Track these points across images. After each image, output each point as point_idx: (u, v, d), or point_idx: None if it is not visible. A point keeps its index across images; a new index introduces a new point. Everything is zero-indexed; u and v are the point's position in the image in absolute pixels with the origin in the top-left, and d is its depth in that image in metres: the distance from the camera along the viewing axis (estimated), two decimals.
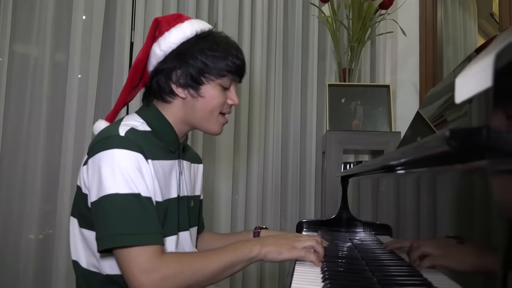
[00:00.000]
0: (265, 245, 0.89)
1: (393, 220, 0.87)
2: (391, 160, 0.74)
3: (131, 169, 0.86)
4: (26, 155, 1.76)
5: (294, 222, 2.24)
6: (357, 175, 1.22)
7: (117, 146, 0.87)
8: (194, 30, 1.01)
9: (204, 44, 0.99)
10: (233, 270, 0.88)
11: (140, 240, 0.83)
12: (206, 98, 0.99)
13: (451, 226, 0.55)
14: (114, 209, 0.84)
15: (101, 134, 0.93)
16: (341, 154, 1.89)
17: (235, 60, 1.00)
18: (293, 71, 2.32)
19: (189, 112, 1.01)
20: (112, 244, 0.83)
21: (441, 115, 1.11)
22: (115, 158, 0.86)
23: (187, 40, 1.00)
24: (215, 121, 1.02)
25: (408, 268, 0.74)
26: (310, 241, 0.91)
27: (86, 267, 0.95)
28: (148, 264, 0.81)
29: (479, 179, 0.43)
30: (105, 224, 0.84)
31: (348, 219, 1.30)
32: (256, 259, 0.89)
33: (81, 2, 1.84)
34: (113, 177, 0.85)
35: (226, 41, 1.02)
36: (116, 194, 0.84)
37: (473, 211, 0.47)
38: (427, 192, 0.65)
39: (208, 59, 0.98)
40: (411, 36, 2.24)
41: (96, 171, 0.87)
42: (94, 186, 0.87)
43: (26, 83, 1.78)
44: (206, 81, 0.99)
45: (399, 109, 2.26)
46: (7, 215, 1.72)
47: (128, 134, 0.90)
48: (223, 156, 2.10)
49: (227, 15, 2.14)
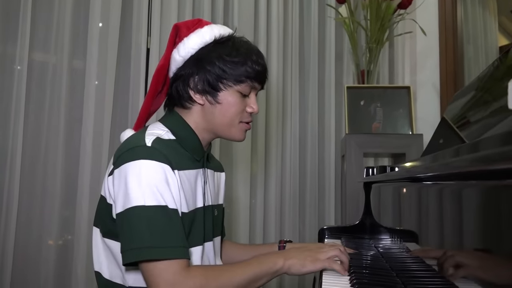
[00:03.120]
0: (289, 257, 0.87)
1: (419, 227, 0.84)
2: (436, 171, 0.71)
3: (158, 180, 0.85)
4: (46, 161, 1.77)
5: (313, 227, 2.20)
6: (382, 182, 1.18)
7: (144, 157, 0.86)
8: (213, 35, 0.99)
9: (222, 50, 0.97)
10: (257, 283, 0.86)
11: (166, 253, 0.81)
12: (224, 105, 0.97)
13: (484, 236, 0.52)
14: (140, 221, 0.82)
15: (127, 143, 0.92)
16: (361, 158, 1.85)
17: (255, 65, 0.98)
18: (309, 74, 2.29)
19: (209, 119, 0.99)
20: (138, 257, 0.81)
21: (468, 119, 1.07)
22: (142, 170, 0.85)
23: (206, 45, 0.98)
24: (236, 129, 1.00)
25: (441, 280, 0.71)
26: (333, 251, 0.88)
27: (109, 278, 0.94)
28: (174, 278, 0.80)
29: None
30: (131, 236, 0.83)
31: (371, 225, 1.26)
32: (280, 273, 0.87)
33: (97, 10, 1.84)
34: (139, 189, 0.83)
35: (247, 46, 1.00)
36: (143, 206, 0.83)
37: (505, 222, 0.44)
38: (458, 201, 0.62)
39: (226, 65, 0.96)
40: (431, 35, 2.19)
41: (122, 182, 0.86)
42: (120, 197, 0.86)
43: (45, 90, 1.79)
44: (224, 88, 0.97)
45: (419, 110, 2.21)
46: (27, 221, 1.73)
47: (154, 144, 0.89)
48: (240, 161, 2.08)
49: (243, 18, 2.12)
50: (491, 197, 0.53)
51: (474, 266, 0.60)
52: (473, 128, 1.02)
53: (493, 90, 1.02)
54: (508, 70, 1.01)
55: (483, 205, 0.55)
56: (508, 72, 1.01)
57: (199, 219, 0.97)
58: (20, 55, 1.73)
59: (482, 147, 0.55)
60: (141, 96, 1.89)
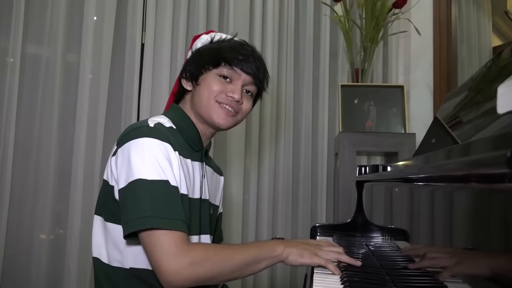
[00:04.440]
0: (288, 246, 0.89)
1: (410, 226, 0.85)
2: (427, 172, 0.72)
3: (161, 157, 0.88)
4: (38, 155, 1.76)
5: (306, 224, 2.22)
6: (375, 181, 1.19)
7: (147, 135, 0.90)
8: (209, 38, 1.08)
9: (212, 45, 1.06)
10: (257, 266, 0.88)
11: (169, 224, 0.83)
12: (202, 85, 1.03)
13: (473, 236, 0.53)
14: (143, 192, 0.84)
15: (130, 127, 0.96)
16: (354, 156, 1.87)
17: (233, 50, 1.02)
18: (304, 71, 2.30)
19: (194, 102, 1.04)
20: (141, 226, 0.82)
21: (460, 119, 1.08)
22: (145, 146, 0.88)
23: (203, 44, 1.08)
24: (213, 110, 1.02)
25: (430, 279, 0.72)
26: (333, 254, 0.89)
27: (108, 262, 0.94)
28: (176, 249, 0.81)
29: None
30: (134, 207, 0.84)
31: (363, 223, 1.28)
32: (278, 259, 0.89)
33: (92, 3, 1.83)
34: (143, 164, 0.86)
35: (235, 40, 1.07)
36: (146, 180, 0.85)
37: (494, 222, 0.45)
38: (448, 201, 0.63)
39: (205, 51, 1.05)
40: (425, 35, 2.21)
41: (125, 159, 0.89)
42: (123, 173, 0.88)
43: (38, 83, 1.78)
44: (204, 71, 1.03)
45: (413, 110, 2.22)
46: (19, 215, 1.72)
47: (157, 125, 0.94)
48: (234, 157, 2.09)
49: (238, 15, 2.12)
50: (480, 198, 0.54)
51: (463, 265, 0.61)
52: (465, 128, 1.03)
53: (485, 91, 1.04)
54: (501, 72, 1.03)
55: (473, 206, 0.56)
56: (500, 73, 1.02)
57: (195, 209, 0.99)
58: (13, 48, 1.71)
59: (473, 150, 0.56)
60: (135, 91, 1.89)
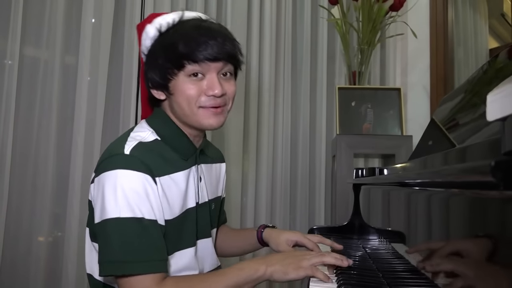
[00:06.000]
0: (271, 264, 0.84)
1: (407, 229, 0.85)
2: (422, 178, 0.72)
3: (135, 191, 0.83)
4: (36, 158, 1.76)
5: (304, 226, 2.22)
6: (372, 185, 1.20)
7: (121, 166, 0.84)
8: (156, 30, 0.94)
9: (162, 39, 0.93)
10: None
11: (139, 268, 0.81)
12: (176, 94, 0.92)
13: (469, 240, 0.54)
14: (114, 234, 0.82)
15: (107, 150, 0.92)
16: (351, 158, 1.87)
17: (191, 43, 0.89)
18: (302, 74, 2.30)
19: (175, 112, 0.96)
20: (111, 271, 0.83)
21: (457, 121, 1.09)
22: (117, 180, 0.83)
23: (154, 41, 0.95)
24: (199, 116, 0.93)
25: (426, 281, 0.72)
26: (317, 258, 0.84)
27: (101, 280, 0.94)
28: None
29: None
30: (105, 249, 0.83)
31: (360, 226, 1.28)
32: (262, 279, 0.85)
33: (90, 5, 1.83)
34: (115, 200, 0.82)
35: (187, 24, 0.93)
36: (117, 218, 0.82)
37: (490, 226, 0.45)
38: (445, 205, 0.63)
39: (163, 54, 0.91)
40: (422, 38, 2.22)
41: (100, 192, 0.85)
42: (98, 207, 0.86)
43: (36, 85, 1.78)
44: (171, 77, 0.91)
45: (410, 112, 2.23)
46: (17, 217, 1.72)
47: (134, 151, 0.87)
48: (231, 159, 2.09)
49: (236, 18, 2.13)
50: (477, 203, 0.54)
51: (459, 269, 0.61)
52: (461, 130, 1.04)
53: (481, 93, 1.04)
54: (497, 74, 1.04)
55: (469, 210, 0.57)
56: (497, 75, 1.03)
57: (191, 219, 0.97)
58: (11, 50, 1.71)
59: (469, 155, 0.57)
60: (133, 93, 1.89)
